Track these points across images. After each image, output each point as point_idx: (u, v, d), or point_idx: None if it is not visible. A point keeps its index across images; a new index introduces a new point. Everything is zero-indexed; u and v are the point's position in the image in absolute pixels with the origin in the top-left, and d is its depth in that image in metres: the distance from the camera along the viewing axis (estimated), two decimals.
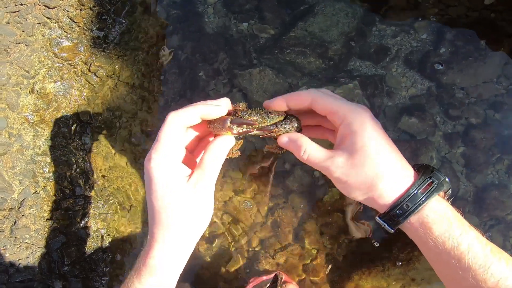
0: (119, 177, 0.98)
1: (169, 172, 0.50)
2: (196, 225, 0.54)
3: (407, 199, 0.50)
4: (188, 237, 0.53)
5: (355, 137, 0.51)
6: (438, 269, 0.53)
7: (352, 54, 0.98)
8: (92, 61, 1.00)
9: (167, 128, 0.51)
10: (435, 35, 0.94)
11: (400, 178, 0.51)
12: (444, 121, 0.91)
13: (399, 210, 0.50)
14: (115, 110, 1.00)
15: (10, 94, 0.89)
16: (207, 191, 0.53)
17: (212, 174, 0.53)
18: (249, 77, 0.99)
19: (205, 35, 1.04)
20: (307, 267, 0.97)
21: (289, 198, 0.97)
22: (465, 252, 0.47)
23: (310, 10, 1.02)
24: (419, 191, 0.50)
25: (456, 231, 0.48)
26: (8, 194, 0.88)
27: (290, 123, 0.57)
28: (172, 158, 0.51)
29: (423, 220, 0.50)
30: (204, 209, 0.53)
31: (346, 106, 0.53)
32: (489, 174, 0.90)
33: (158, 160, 0.50)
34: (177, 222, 0.51)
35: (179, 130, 0.52)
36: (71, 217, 0.96)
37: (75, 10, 0.98)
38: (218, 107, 0.53)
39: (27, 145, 0.92)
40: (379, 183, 0.51)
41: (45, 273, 0.94)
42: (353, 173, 0.51)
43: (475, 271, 0.47)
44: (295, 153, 0.56)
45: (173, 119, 0.51)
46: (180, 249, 0.53)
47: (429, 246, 0.50)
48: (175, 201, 0.50)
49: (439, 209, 0.50)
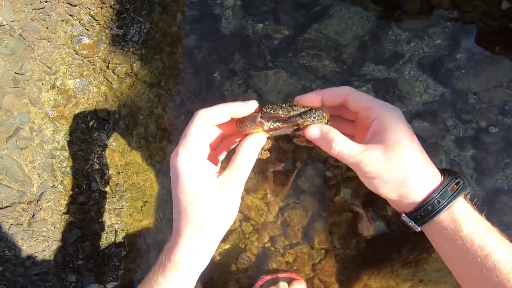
0: (134, 173, 1.00)
1: (197, 168, 0.51)
2: (222, 223, 0.54)
3: (439, 196, 0.51)
4: (214, 235, 0.53)
5: (389, 132, 0.51)
6: (459, 268, 0.53)
7: (366, 58, 0.99)
8: (110, 59, 1.02)
9: (196, 125, 0.51)
10: (450, 40, 0.95)
11: (429, 176, 0.53)
12: (456, 124, 0.93)
13: (430, 206, 0.51)
14: (132, 108, 1.02)
15: (33, 90, 0.92)
16: (236, 190, 0.53)
17: (244, 174, 0.53)
18: (264, 78, 1.01)
19: (222, 36, 1.06)
20: (316, 266, 0.99)
21: (301, 198, 0.98)
22: (492, 251, 0.48)
23: (325, 12, 1.04)
24: (448, 189, 0.51)
25: (483, 230, 0.49)
26: (28, 188, 0.90)
27: (319, 113, 0.56)
28: (199, 155, 0.52)
29: (454, 217, 0.50)
30: (231, 208, 0.54)
31: (380, 103, 0.54)
32: (498, 179, 0.91)
33: (186, 156, 0.50)
34: (204, 219, 0.51)
35: (207, 128, 0.53)
36: (86, 212, 0.98)
37: (96, 8, 1.00)
38: (248, 104, 0.54)
39: (47, 140, 0.94)
40: (411, 179, 0.51)
41: (59, 267, 0.96)
42: (387, 167, 0.51)
43: (499, 271, 0.47)
44: (325, 147, 0.55)
45: (202, 116, 0.52)
46: (205, 246, 0.53)
47: (456, 245, 0.50)
48: (204, 197, 0.50)
49: (466, 208, 0.51)
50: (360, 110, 0.56)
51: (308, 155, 0.98)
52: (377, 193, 0.55)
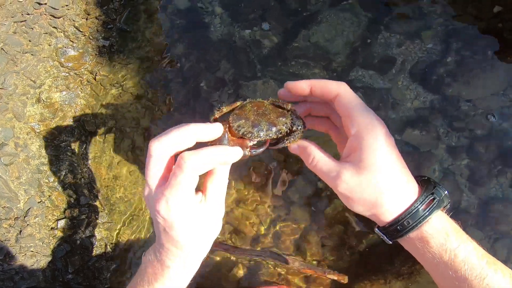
0: (122, 186, 0.99)
1: (189, 211, 0.51)
2: (211, 238, 0.56)
3: (408, 216, 0.50)
4: (199, 252, 0.55)
5: (364, 153, 0.50)
6: (436, 280, 0.54)
7: (355, 64, 0.97)
8: (97, 70, 1.01)
9: (186, 177, 0.48)
10: (442, 44, 0.93)
11: (403, 194, 0.52)
12: (447, 132, 0.91)
13: (400, 226, 0.51)
14: (119, 120, 1.01)
15: (17, 104, 0.90)
16: (217, 210, 0.54)
17: (219, 197, 0.54)
18: (253, 88, 1.00)
19: (210, 44, 1.04)
20: (308, 278, 0.97)
21: (292, 210, 0.97)
22: (462, 263, 0.48)
23: (314, 18, 1.01)
24: (421, 208, 0.50)
25: (454, 244, 0.49)
26: (14, 204, 0.90)
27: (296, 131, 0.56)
28: (190, 201, 0.51)
29: (422, 235, 0.50)
30: (215, 221, 0.55)
31: (364, 116, 0.52)
32: (492, 187, 0.89)
33: (178, 209, 0.49)
34: (191, 242, 0.52)
35: (197, 177, 0.50)
36: (75, 226, 0.97)
37: (81, 20, 0.99)
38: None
39: (33, 155, 0.93)
40: (382, 201, 0.51)
41: (49, 281, 0.95)
42: (358, 190, 0.51)
43: (471, 282, 0.48)
44: (304, 160, 0.56)
45: (193, 165, 0.48)
46: (191, 264, 0.55)
47: (427, 258, 0.51)
48: (194, 224, 0.52)
49: (438, 224, 0.50)
50: (344, 117, 0.54)
51: (299, 166, 0.97)
52: (351, 210, 0.55)
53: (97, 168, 0.99)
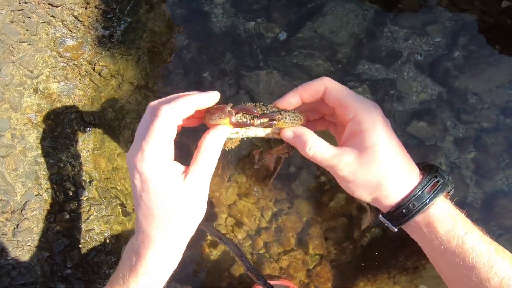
0: (122, 178, 0.97)
1: (165, 172, 0.47)
2: (192, 223, 0.52)
3: (413, 199, 0.49)
4: (183, 235, 0.52)
5: (365, 135, 0.49)
6: (442, 269, 0.52)
7: (361, 57, 0.95)
8: (97, 61, 0.98)
9: (162, 124, 0.46)
10: (449, 38, 0.92)
11: (406, 178, 0.51)
12: (455, 125, 0.89)
13: (405, 209, 0.50)
14: (119, 111, 0.99)
15: (13, 95, 0.88)
16: (202, 187, 0.50)
17: (208, 169, 0.50)
18: (256, 79, 0.97)
19: (212, 34, 1.02)
20: (311, 272, 0.96)
21: (294, 203, 0.95)
22: (470, 250, 0.47)
23: (319, 9, 0.99)
24: (425, 190, 0.49)
25: (461, 230, 0.48)
26: (11, 197, 0.87)
27: (295, 114, 0.53)
28: (167, 158, 0.47)
29: (429, 219, 0.49)
30: (198, 205, 0.51)
31: (358, 101, 0.51)
32: (498, 180, 0.88)
33: (153, 161, 0.46)
34: (175, 222, 0.49)
35: (174, 127, 0.47)
36: (74, 220, 0.95)
37: (80, 9, 0.96)
38: (212, 94, 0.50)
39: (30, 147, 0.91)
40: (386, 183, 0.50)
41: (47, 276, 0.94)
42: (361, 172, 0.50)
43: (479, 270, 0.46)
44: (300, 149, 0.53)
45: (168, 114, 0.46)
46: (175, 247, 0.52)
47: (433, 245, 0.49)
48: (173, 201, 0.48)
49: (444, 209, 0.49)
50: (337, 107, 0.52)
51: (302, 159, 0.95)
52: (353, 195, 0.53)
53: (97, 160, 0.97)
